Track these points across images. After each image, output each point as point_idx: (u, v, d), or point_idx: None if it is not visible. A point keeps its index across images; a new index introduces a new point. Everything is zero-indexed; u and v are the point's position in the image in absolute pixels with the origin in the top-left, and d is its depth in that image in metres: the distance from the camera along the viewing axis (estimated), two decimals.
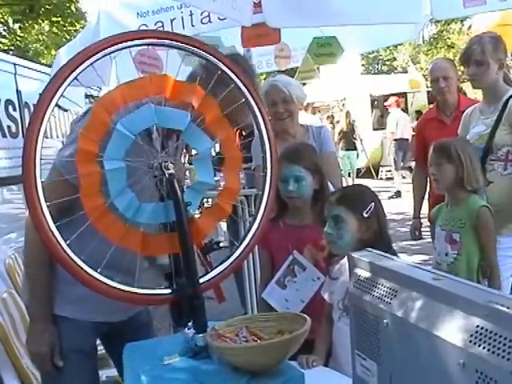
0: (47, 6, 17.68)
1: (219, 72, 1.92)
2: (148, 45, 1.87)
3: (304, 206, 3.07)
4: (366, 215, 2.73)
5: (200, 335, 1.80)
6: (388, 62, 35.77)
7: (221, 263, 1.92)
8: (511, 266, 3.75)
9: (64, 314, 2.31)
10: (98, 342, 2.57)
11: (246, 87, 1.93)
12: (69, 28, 19.01)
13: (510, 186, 3.60)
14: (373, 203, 2.73)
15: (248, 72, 2.20)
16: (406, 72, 25.34)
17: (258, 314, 2.46)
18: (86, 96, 8.19)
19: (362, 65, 28.68)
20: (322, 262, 2.83)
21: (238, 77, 1.92)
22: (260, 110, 1.97)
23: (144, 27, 4.35)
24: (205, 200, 5.39)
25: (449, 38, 24.96)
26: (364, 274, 1.42)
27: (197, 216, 1.91)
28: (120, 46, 1.75)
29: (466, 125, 3.94)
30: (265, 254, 3.20)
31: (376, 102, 19.67)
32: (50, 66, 7.36)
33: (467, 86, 4.50)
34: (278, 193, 2.91)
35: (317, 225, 2.95)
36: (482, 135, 3.69)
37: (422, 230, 4.84)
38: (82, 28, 13.91)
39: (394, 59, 34.52)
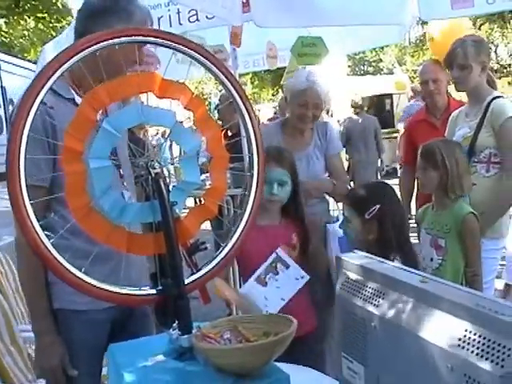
0: (33, 2, 17.62)
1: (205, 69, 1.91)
2: (135, 42, 1.85)
3: (277, 209, 3.12)
4: (367, 217, 2.75)
5: (185, 336, 1.78)
6: (374, 64, 35.90)
7: (206, 264, 1.91)
8: (495, 268, 3.78)
9: (71, 306, 2.35)
10: None
11: (233, 86, 1.92)
12: (55, 24, 18.95)
13: (492, 187, 3.62)
14: (377, 205, 2.74)
15: None
16: (391, 73, 25.45)
17: (243, 315, 2.44)
18: None
19: (348, 66, 28.77)
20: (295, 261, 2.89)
21: (225, 76, 1.90)
22: (247, 110, 1.95)
23: None
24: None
25: None
26: (352, 275, 1.41)
27: (183, 216, 1.90)
28: (106, 43, 1.73)
29: (452, 128, 3.97)
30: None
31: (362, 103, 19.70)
32: (35, 63, 7.31)
33: (451, 89, 4.51)
34: None
35: (286, 224, 3.07)
36: (466, 137, 3.71)
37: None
38: (68, 24, 13.85)
39: (380, 60, 34.67)
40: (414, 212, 4.65)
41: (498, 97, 3.75)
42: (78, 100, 2.32)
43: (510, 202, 3.68)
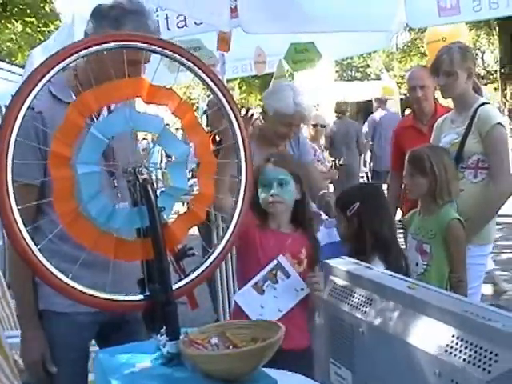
0: (20, 6, 17.54)
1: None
2: (124, 48, 1.85)
3: (284, 216, 2.95)
4: (349, 214, 2.77)
5: (173, 342, 1.77)
6: (362, 69, 36.01)
7: (194, 270, 1.90)
8: (481, 274, 3.79)
9: (55, 309, 2.37)
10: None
11: (220, 91, 1.92)
12: (42, 29, 18.88)
13: (480, 193, 3.64)
14: (357, 203, 2.76)
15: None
16: (379, 79, 25.52)
17: (231, 320, 2.42)
18: None
19: (336, 71, 28.84)
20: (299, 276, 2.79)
21: (213, 81, 1.90)
22: (235, 116, 1.95)
23: None
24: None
25: (422, 46, 25.18)
26: (340, 282, 1.42)
27: (170, 221, 1.89)
28: (96, 48, 1.72)
29: (437, 135, 3.98)
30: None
31: (349, 109, 19.75)
32: (22, 67, 7.29)
33: (438, 95, 4.54)
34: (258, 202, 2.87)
35: (296, 236, 2.91)
36: (453, 143, 3.72)
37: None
38: (56, 29, 13.80)
39: (368, 66, 34.77)
40: (400, 217, 4.65)
41: (485, 103, 3.77)
42: None
43: (496, 208, 3.70)
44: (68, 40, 2.68)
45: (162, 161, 15.26)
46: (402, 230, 4.50)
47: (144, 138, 16.18)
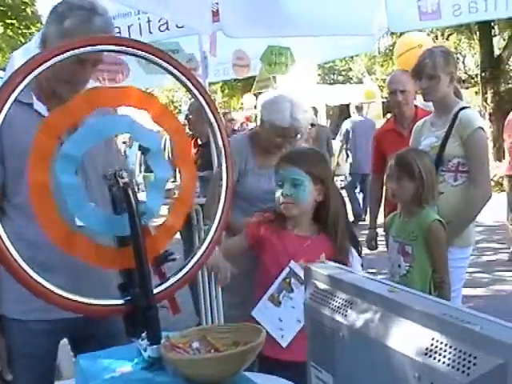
0: (2, 8, 17.44)
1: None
2: (106, 51, 1.84)
3: (302, 218, 2.80)
4: None
5: (154, 346, 1.77)
6: (344, 73, 36.10)
7: (175, 273, 1.90)
8: (462, 276, 3.81)
9: (11, 315, 2.35)
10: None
11: (201, 95, 1.92)
12: (24, 31, 18.77)
13: (460, 196, 3.66)
14: None
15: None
16: (361, 82, 25.62)
17: (212, 324, 2.38)
18: None
19: (319, 74, 28.87)
20: None
21: (194, 85, 1.90)
22: (216, 120, 1.95)
23: None
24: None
25: None
26: (320, 285, 1.41)
27: (156, 224, 1.90)
28: (78, 51, 1.72)
29: (417, 138, 4.00)
30: (246, 259, 3.01)
31: (331, 112, 19.84)
32: (3, 70, 7.25)
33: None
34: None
35: (320, 239, 2.77)
36: (433, 147, 3.74)
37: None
38: (38, 31, 13.74)
39: (350, 69, 34.87)
40: (382, 220, 4.66)
41: (465, 107, 3.80)
42: (37, 105, 2.29)
43: (477, 211, 3.72)
44: None
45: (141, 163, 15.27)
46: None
47: (124, 142, 16.12)
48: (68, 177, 1.66)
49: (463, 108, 3.76)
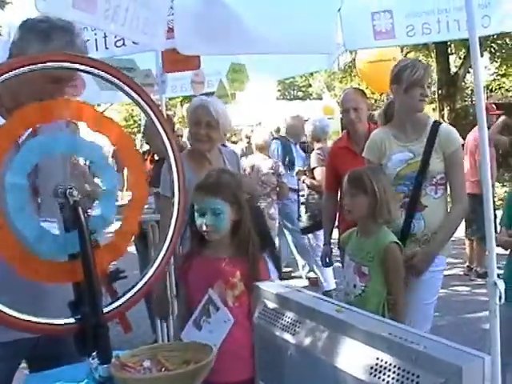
0: None
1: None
2: (59, 68, 1.83)
3: (222, 239, 2.87)
4: None
5: (104, 365, 1.75)
6: (304, 89, 36.34)
7: (126, 292, 1.88)
8: (439, 288, 3.85)
9: None
10: None
11: (151, 110, 1.91)
12: None
13: (442, 208, 3.71)
14: None
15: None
16: (320, 99, 25.79)
17: (163, 343, 2.37)
18: None
19: (278, 90, 29.05)
20: (231, 302, 2.70)
21: (144, 100, 1.89)
22: (167, 135, 1.95)
23: None
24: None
25: None
26: (269, 304, 1.42)
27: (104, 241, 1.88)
28: (34, 66, 1.71)
29: (375, 149, 3.86)
30: (182, 286, 3.05)
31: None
32: None
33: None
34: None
35: (236, 258, 2.83)
36: (410, 163, 3.70)
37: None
38: None
39: (310, 86, 35.11)
40: (336, 237, 4.68)
41: (439, 122, 3.83)
42: None
43: (458, 225, 3.80)
44: (4, 56, 2.63)
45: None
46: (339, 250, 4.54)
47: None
48: (15, 178, 1.64)
49: (438, 123, 3.78)
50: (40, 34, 2.24)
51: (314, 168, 6.91)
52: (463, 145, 3.85)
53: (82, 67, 1.79)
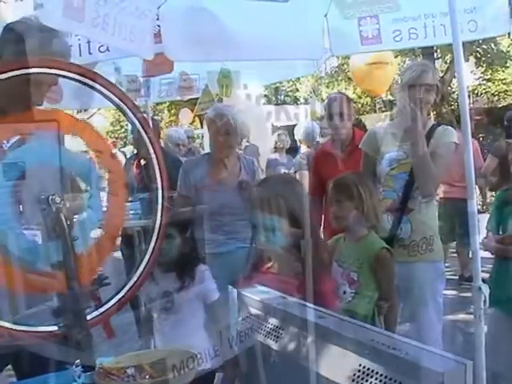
0: None
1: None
2: (38, 73, 1.82)
3: None
4: None
5: (88, 373, 1.74)
6: (291, 93, 36.38)
7: (110, 299, 1.87)
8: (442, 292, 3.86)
9: None
10: None
11: (135, 117, 1.90)
12: None
13: (428, 212, 3.70)
14: None
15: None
16: (307, 103, 25.78)
17: (148, 350, 2.36)
18: None
19: (265, 95, 29.06)
20: None
21: (128, 107, 1.89)
22: (149, 138, 1.94)
23: None
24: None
25: (349, 71, 25.48)
26: (253, 311, 1.41)
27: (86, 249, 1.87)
28: (18, 72, 1.70)
29: (372, 143, 3.87)
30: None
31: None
32: None
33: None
34: None
35: None
36: (402, 164, 3.70)
37: None
38: None
39: (297, 90, 35.14)
40: None
41: (438, 124, 3.84)
42: None
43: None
44: None
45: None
46: None
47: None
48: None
49: (436, 125, 3.79)
50: (17, 34, 2.24)
51: (295, 172, 6.91)
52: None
53: (61, 72, 1.79)
